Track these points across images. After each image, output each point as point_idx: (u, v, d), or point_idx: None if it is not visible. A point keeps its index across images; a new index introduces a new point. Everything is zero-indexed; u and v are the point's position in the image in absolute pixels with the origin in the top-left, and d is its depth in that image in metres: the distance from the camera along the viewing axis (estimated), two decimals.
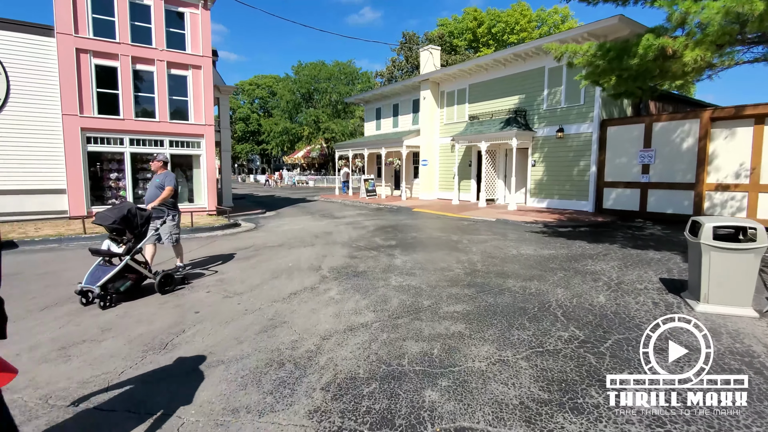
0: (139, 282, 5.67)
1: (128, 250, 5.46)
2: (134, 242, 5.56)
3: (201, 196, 14.76)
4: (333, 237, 10.34)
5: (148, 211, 5.93)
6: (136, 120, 13.31)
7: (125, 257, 5.41)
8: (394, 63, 36.93)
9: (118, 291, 5.33)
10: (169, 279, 5.86)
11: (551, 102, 15.02)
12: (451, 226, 12.10)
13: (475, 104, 18.08)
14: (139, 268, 5.60)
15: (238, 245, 9.45)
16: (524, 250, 8.52)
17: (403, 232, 10.92)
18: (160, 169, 6.74)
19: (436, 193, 20.50)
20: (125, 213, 5.46)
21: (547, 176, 15.22)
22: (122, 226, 5.44)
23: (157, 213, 6.28)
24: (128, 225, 5.50)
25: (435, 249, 8.68)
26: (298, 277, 6.60)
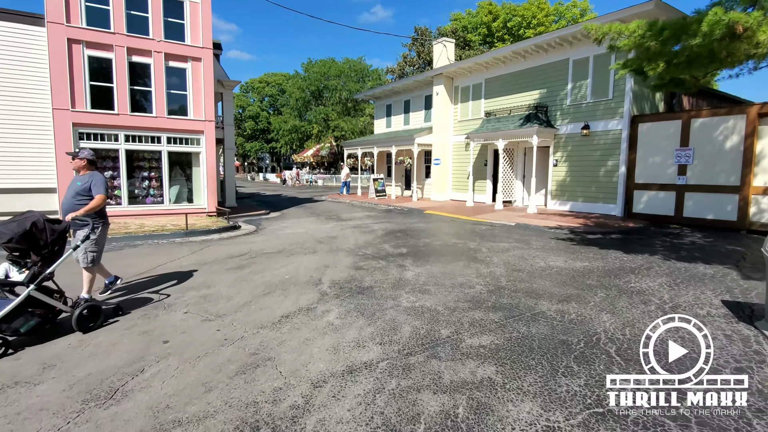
0: (50, 318, 4.27)
1: (33, 276, 4.09)
2: (41, 266, 4.22)
3: (200, 196, 13.97)
4: (338, 243, 9.43)
5: (63, 225, 4.54)
6: (131, 115, 12.55)
7: (29, 287, 4.03)
8: (406, 59, 35.87)
9: (17, 332, 3.98)
10: (93, 313, 4.45)
11: (576, 97, 13.91)
12: (466, 230, 11.10)
13: (492, 100, 17.02)
14: (50, 300, 4.23)
15: (233, 251, 8.58)
16: (553, 261, 7.50)
17: (414, 238, 9.97)
18: (84, 168, 5.20)
19: (449, 193, 19.48)
20: (27, 228, 4.13)
21: (570, 177, 14.12)
22: (23, 245, 4.13)
23: (77, 225, 5.01)
24: (32, 243, 4.19)
25: (451, 259, 7.71)
26: (294, 293, 5.69)
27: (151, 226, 11.10)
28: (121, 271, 6.85)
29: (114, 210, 12.61)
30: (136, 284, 6.16)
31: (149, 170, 13.27)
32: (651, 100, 13.22)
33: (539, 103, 14.78)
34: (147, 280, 6.35)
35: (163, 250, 8.82)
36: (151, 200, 13.32)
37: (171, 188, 13.73)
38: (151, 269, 7.06)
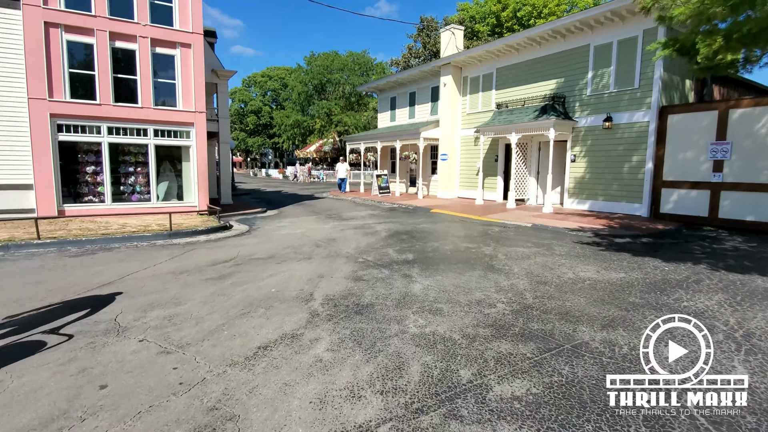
0: None
1: None
2: None
3: (191, 193, 13.03)
4: (337, 246, 8.45)
5: None
6: (115, 106, 11.60)
7: None
8: (411, 50, 34.66)
9: None
10: None
11: (597, 86, 12.81)
12: (478, 232, 10.09)
13: (504, 90, 15.92)
14: None
15: (218, 257, 7.63)
16: (583, 271, 6.48)
17: (421, 241, 8.97)
18: None
19: (457, 191, 18.43)
20: None
21: (589, 174, 13.05)
22: None
23: None
24: None
25: (464, 267, 6.72)
26: (278, 313, 4.72)
27: (133, 226, 10.18)
28: (83, 281, 5.93)
29: (97, 208, 11.71)
30: (95, 298, 5.22)
31: (135, 165, 12.33)
32: (681, 89, 12.11)
33: (556, 94, 13.68)
34: (107, 294, 5.40)
35: (140, 254, 7.88)
36: (137, 197, 12.40)
37: (159, 185, 12.80)
38: (119, 279, 6.12)
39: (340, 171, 23.29)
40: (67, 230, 9.53)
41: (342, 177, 23.06)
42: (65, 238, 8.56)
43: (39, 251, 7.96)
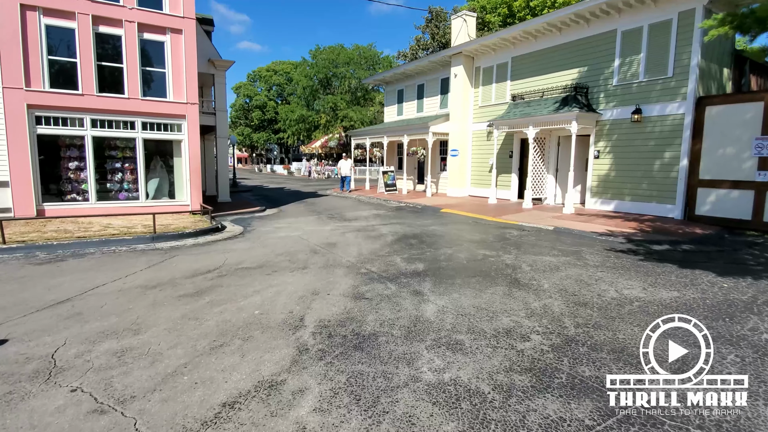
0: None
1: None
2: None
3: (183, 191, 12.12)
4: (336, 253, 7.49)
5: None
6: (99, 96, 10.70)
7: None
8: (419, 42, 33.45)
9: None
10: None
11: (625, 75, 11.68)
12: (495, 237, 9.08)
13: (520, 81, 14.82)
14: None
15: (201, 266, 6.70)
16: (626, 288, 5.46)
17: (432, 247, 7.98)
18: None
19: (468, 189, 17.38)
20: None
21: (615, 171, 11.95)
22: None
23: None
24: None
25: (484, 281, 5.72)
26: (257, 347, 3.77)
27: (116, 228, 9.30)
28: (34, 298, 5.01)
29: (80, 207, 10.84)
30: (36, 323, 4.28)
31: (123, 161, 11.44)
32: (718, 78, 10.97)
33: (578, 84, 12.57)
34: (55, 316, 4.48)
35: (115, 262, 6.97)
36: (125, 196, 11.52)
37: (149, 182, 11.91)
38: (79, 294, 5.21)
39: (344, 168, 21.43)
40: (41, 233, 8.66)
41: (345, 175, 21.28)
42: (35, 243, 7.68)
43: (1, 257, 7.08)
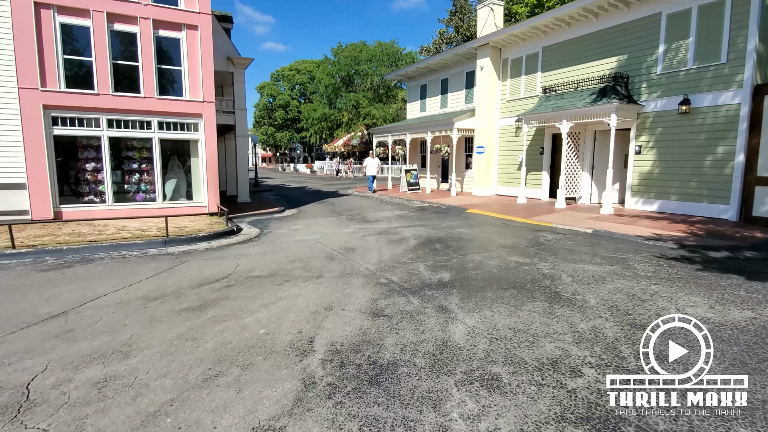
0: None
1: None
2: None
3: (200, 192, 11.83)
4: (355, 259, 6.92)
5: None
6: (114, 95, 10.49)
7: None
8: (442, 36, 32.54)
9: None
10: None
11: (670, 62, 10.65)
12: (528, 241, 8.32)
13: (551, 73, 13.88)
14: None
15: (210, 273, 6.26)
16: (689, 305, 4.67)
17: (459, 253, 7.31)
18: None
19: (494, 187, 16.53)
20: None
21: (659, 168, 10.93)
22: None
23: None
24: None
25: (520, 295, 5.03)
26: (257, 379, 3.23)
27: (130, 231, 9.03)
28: (28, 311, 4.63)
29: (97, 209, 10.67)
30: (21, 341, 3.87)
31: (140, 162, 11.23)
32: None
33: (617, 73, 11.57)
34: (45, 336, 4.07)
35: (123, 268, 6.62)
36: (142, 197, 11.30)
37: (167, 183, 11.67)
38: (76, 307, 4.82)
39: (370, 167, 19.70)
40: (55, 236, 8.45)
41: (372, 174, 19.59)
42: (45, 247, 7.43)
43: (9, 263, 6.84)
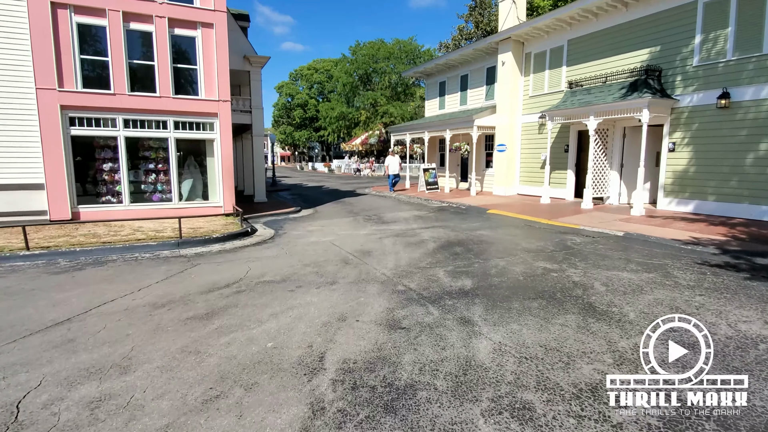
0: None
1: None
2: None
3: (216, 192, 11.71)
4: (370, 263, 6.61)
5: None
6: (131, 95, 10.43)
7: None
8: (462, 32, 31.91)
9: None
10: None
11: (708, 53, 9.97)
12: (554, 244, 7.85)
13: (577, 67, 13.27)
14: None
15: (221, 278, 6.04)
16: (741, 321, 4.18)
17: (481, 257, 6.91)
18: None
19: (516, 187, 15.98)
20: None
21: (695, 166, 10.27)
22: None
23: None
24: None
25: (549, 306, 4.62)
26: (260, 402, 2.94)
27: (144, 232, 8.94)
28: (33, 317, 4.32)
29: (114, 210, 10.66)
30: (21, 351, 3.69)
31: (156, 162, 11.17)
32: None
33: (649, 66, 10.92)
34: (45, 346, 3.88)
35: (134, 271, 6.47)
36: (158, 197, 11.25)
37: (183, 183, 11.59)
38: (81, 314, 4.64)
39: (391, 165, 18.51)
40: (71, 237, 8.41)
41: (393, 173, 18.48)
42: (59, 249, 7.36)
43: (22, 265, 6.78)
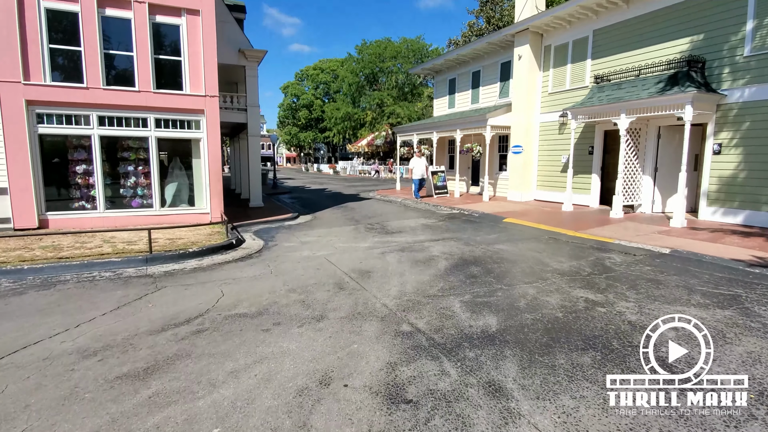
0: None
1: None
2: None
3: (202, 197, 10.59)
4: (369, 291, 5.41)
5: None
6: (106, 89, 9.35)
7: None
8: (472, 28, 30.61)
9: None
10: None
11: (762, 41, 8.66)
12: (591, 264, 6.59)
13: (604, 60, 11.98)
14: None
15: (184, 308, 4.87)
16: None
17: (503, 282, 5.68)
18: None
19: (533, 192, 14.70)
20: None
21: (746, 171, 8.95)
22: None
23: None
24: None
25: (609, 365, 3.37)
26: None
27: (114, 244, 7.83)
28: None
29: (87, 217, 9.58)
30: None
31: (136, 164, 10.08)
32: None
33: (692, 57, 9.62)
34: None
35: (82, 297, 5.33)
36: (138, 203, 10.16)
37: (167, 187, 10.50)
38: None
39: (417, 168, 16.11)
40: (27, 250, 7.32)
41: (419, 177, 16.11)
42: (4, 266, 6.26)
43: None
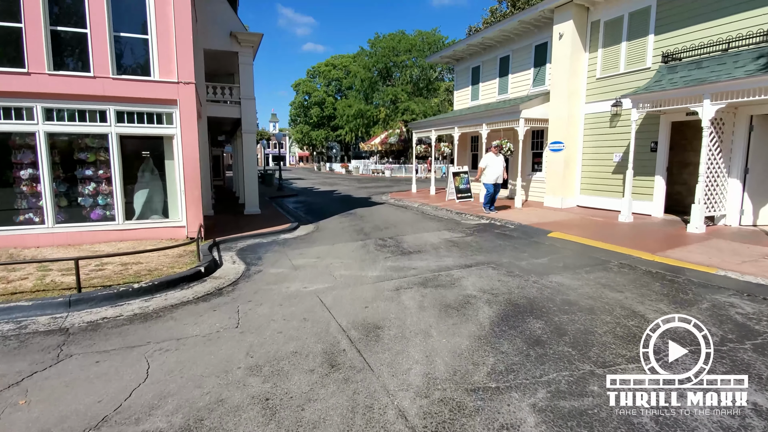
0: None
1: None
2: None
3: (176, 207, 8.70)
4: (377, 371, 3.37)
5: None
6: (53, 75, 7.52)
7: None
8: (494, 14, 28.19)
9: None
10: None
11: None
12: (713, 320, 4.42)
13: (673, 33, 9.69)
14: None
15: (66, 413, 2.90)
16: None
17: (589, 356, 3.56)
18: None
19: (575, 197, 12.43)
20: None
21: None
22: None
23: None
24: None
25: None
26: None
27: (54, 270, 5.97)
28: None
29: (32, 233, 7.78)
30: None
31: (96, 166, 8.25)
32: None
33: None
34: None
35: None
36: (99, 215, 8.33)
37: (137, 194, 8.66)
38: None
39: (492, 168, 11.35)
40: None
41: (494, 181, 11.40)
42: None
43: None
